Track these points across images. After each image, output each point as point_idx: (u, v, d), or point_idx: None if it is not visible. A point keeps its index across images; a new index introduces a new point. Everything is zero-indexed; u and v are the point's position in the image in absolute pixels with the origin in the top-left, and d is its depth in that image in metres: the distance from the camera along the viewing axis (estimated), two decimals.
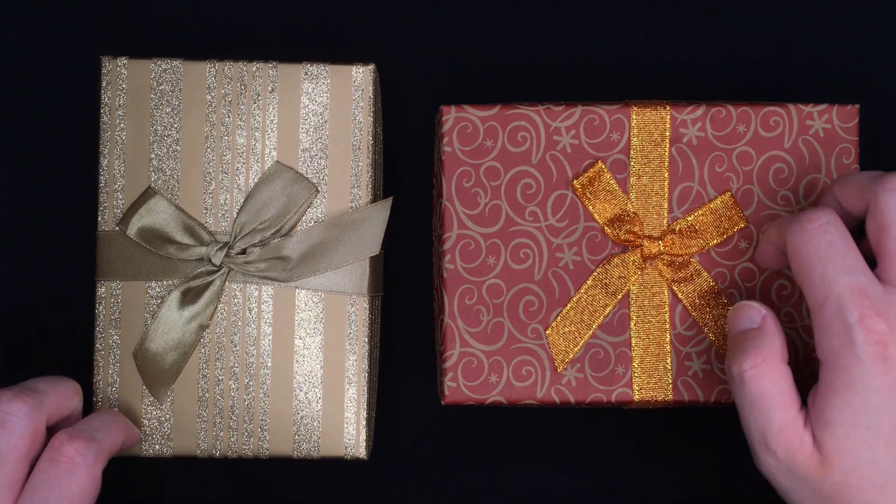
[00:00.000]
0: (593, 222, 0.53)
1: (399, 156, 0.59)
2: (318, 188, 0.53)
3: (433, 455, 0.58)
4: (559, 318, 0.52)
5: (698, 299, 0.53)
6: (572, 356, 0.52)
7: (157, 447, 0.53)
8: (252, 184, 0.53)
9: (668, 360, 0.53)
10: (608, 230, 0.52)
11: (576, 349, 0.52)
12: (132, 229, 0.52)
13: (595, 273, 0.53)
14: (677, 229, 0.53)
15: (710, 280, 0.53)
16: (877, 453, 0.45)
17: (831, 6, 0.59)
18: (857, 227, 0.49)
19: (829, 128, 0.53)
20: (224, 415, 0.53)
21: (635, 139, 0.53)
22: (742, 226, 0.53)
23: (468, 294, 0.53)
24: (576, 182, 0.53)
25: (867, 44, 0.59)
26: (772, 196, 0.53)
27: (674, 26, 0.59)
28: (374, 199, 0.54)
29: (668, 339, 0.53)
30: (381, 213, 0.53)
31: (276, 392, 0.53)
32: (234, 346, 0.53)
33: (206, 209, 0.53)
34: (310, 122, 0.53)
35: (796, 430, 0.46)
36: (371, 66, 0.53)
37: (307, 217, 0.53)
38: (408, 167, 0.59)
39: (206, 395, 0.53)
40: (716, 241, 0.53)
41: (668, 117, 0.53)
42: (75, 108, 0.58)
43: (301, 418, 0.53)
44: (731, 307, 0.52)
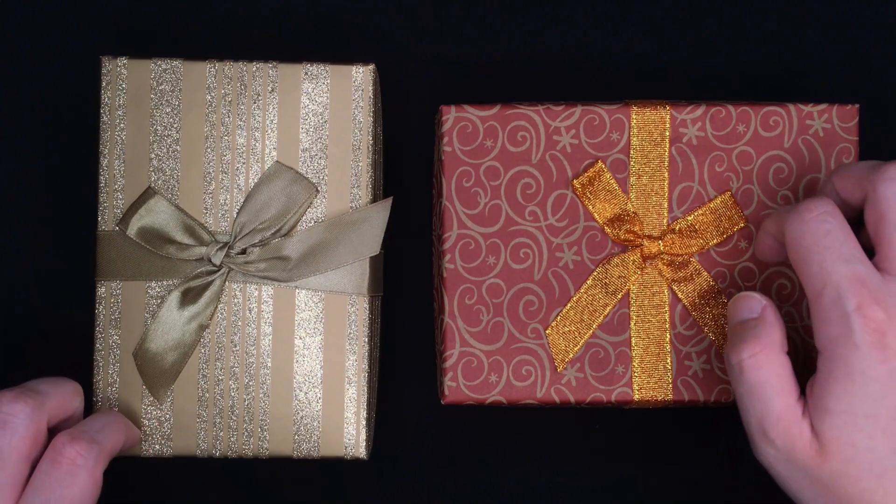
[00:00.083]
0: (593, 222, 0.53)
1: (399, 156, 0.59)
2: (318, 188, 0.53)
3: (433, 455, 0.58)
4: (559, 317, 0.52)
5: (698, 299, 0.53)
6: (572, 356, 0.52)
7: (157, 447, 0.53)
8: (252, 184, 0.53)
9: (668, 360, 0.53)
10: (608, 230, 0.52)
11: (576, 349, 0.52)
12: (132, 229, 0.52)
13: (595, 273, 0.52)
14: (677, 229, 0.53)
15: (710, 280, 0.53)
16: (875, 442, 0.45)
17: (831, 6, 0.59)
18: (857, 218, 0.49)
19: (829, 127, 0.53)
20: (224, 415, 0.53)
21: (635, 139, 0.53)
22: (742, 225, 0.53)
23: (468, 294, 0.53)
24: (576, 182, 0.53)
25: (867, 44, 0.59)
26: (772, 196, 0.53)
27: (674, 26, 0.59)
28: (374, 199, 0.54)
29: (668, 339, 0.53)
30: (381, 213, 0.53)
31: (276, 392, 0.53)
32: (234, 346, 0.53)
33: (206, 209, 0.53)
34: (310, 122, 0.53)
35: (795, 419, 0.46)
36: (371, 66, 0.53)
37: (307, 217, 0.53)
38: (408, 167, 0.59)
39: (206, 395, 0.53)
40: (716, 241, 0.53)
41: (668, 117, 0.53)
42: (75, 108, 0.58)
43: (301, 418, 0.53)
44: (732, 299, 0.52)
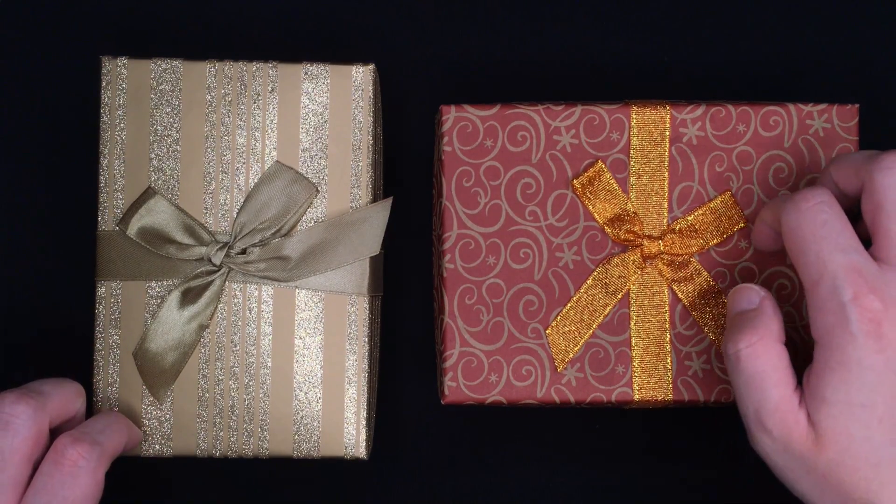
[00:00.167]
0: (593, 222, 0.53)
1: (399, 156, 0.59)
2: (318, 188, 0.53)
3: (433, 455, 0.58)
4: (559, 317, 0.52)
5: (698, 299, 0.53)
6: (572, 356, 0.52)
7: (157, 447, 0.53)
8: (252, 184, 0.53)
9: (668, 360, 0.53)
10: (608, 230, 0.52)
11: (576, 349, 0.52)
12: (132, 229, 0.52)
13: (595, 273, 0.52)
14: (677, 229, 0.53)
15: (710, 280, 0.53)
16: (871, 431, 0.45)
17: (831, 6, 0.59)
18: (856, 207, 0.49)
19: (829, 127, 0.53)
20: (224, 415, 0.53)
21: (635, 139, 0.53)
22: (742, 225, 0.53)
23: (468, 294, 0.53)
24: (576, 182, 0.53)
25: (867, 44, 0.59)
26: (772, 195, 0.53)
27: (674, 26, 0.59)
28: (374, 199, 0.54)
29: (668, 339, 0.53)
30: (381, 213, 0.53)
31: (276, 392, 0.53)
32: (234, 346, 0.53)
33: (206, 209, 0.53)
34: (310, 122, 0.53)
35: (791, 409, 0.46)
36: (371, 66, 0.53)
37: (307, 217, 0.53)
38: (408, 167, 0.59)
39: (206, 395, 0.53)
40: (716, 241, 0.53)
41: (668, 117, 0.53)
42: (75, 108, 0.58)
43: (301, 418, 0.53)
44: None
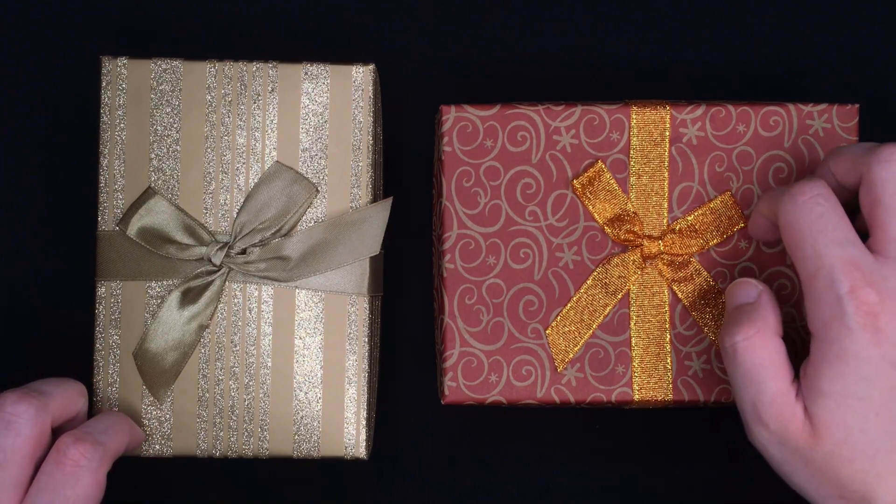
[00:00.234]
0: (593, 222, 0.53)
1: (399, 156, 0.59)
2: (318, 188, 0.53)
3: (433, 455, 0.58)
4: (559, 317, 0.52)
5: (698, 299, 0.53)
6: (572, 356, 0.52)
7: (157, 447, 0.53)
8: (252, 184, 0.53)
9: (668, 360, 0.53)
10: (608, 230, 0.52)
11: (576, 349, 0.52)
12: (132, 229, 0.52)
13: (595, 273, 0.52)
14: (677, 229, 0.53)
15: (710, 280, 0.53)
16: (867, 423, 0.45)
17: (831, 6, 0.59)
18: (855, 200, 0.49)
19: (829, 127, 0.53)
20: (224, 415, 0.53)
21: (635, 139, 0.53)
22: (742, 225, 0.53)
23: (468, 294, 0.53)
24: (576, 182, 0.53)
25: (867, 44, 0.59)
26: None
27: (674, 26, 0.59)
28: (374, 199, 0.54)
29: (668, 339, 0.53)
30: (381, 213, 0.53)
31: (276, 392, 0.53)
32: (234, 346, 0.53)
33: (206, 209, 0.53)
34: (310, 122, 0.53)
35: (788, 402, 0.46)
36: (371, 66, 0.53)
37: (307, 217, 0.53)
38: (408, 167, 0.59)
39: (206, 395, 0.53)
40: (716, 241, 0.53)
41: (668, 117, 0.53)
42: (75, 108, 0.58)
43: (301, 418, 0.53)
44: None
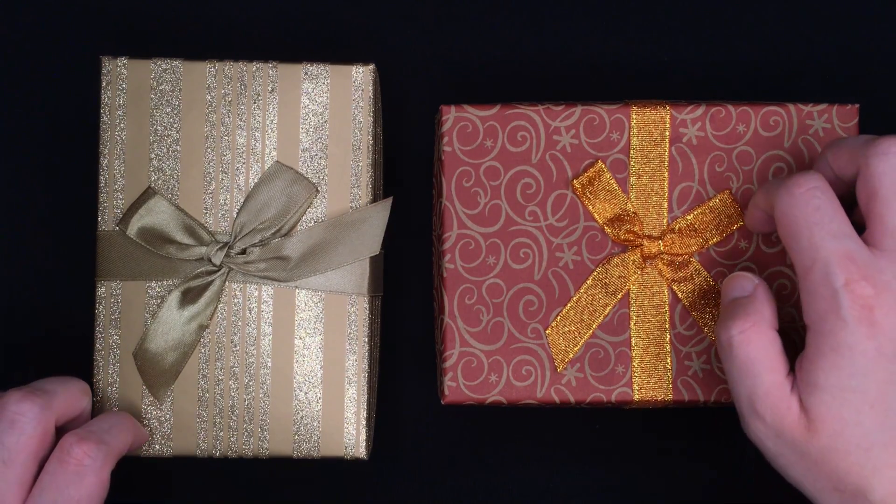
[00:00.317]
0: (593, 222, 0.53)
1: (399, 156, 0.59)
2: (318, 188, 0.53)
3: (433, 455, 0.58)
4: (559, 317, 0.52)
5: (698, 299, 0.53)
6: (572, 356, 0.52)
7: (157, 447, 0.53)
8: (252, 184, 0.53)
9: (668, 360, 0.53)
10: (608, 230, 0.52)
11: (576, 349, 0.52)
12: (132, 229, 0.52)
13: (595, 273, 0.52)
14: (677, 228, 0.53)
15: (710, 279, 0.53)
16: (863, 416, 0.45)
17: (831, 6, 0.59)
18: (852, 193, 0.49)
19: (829, 127, 0.53)
20: (224, 415, 0.53)
21: (635, 139, 0.53)
22: (741, 224, 0.53)
23: (468, 294, 0.53)
24: (576, 182, 0.53)
25: (867, 44, 0.59)
26: None
27: (674, 26, 0.59)
28: (374, 199, 0.54)
29: (667, 339, 0.53)
30: (381, 213, 0.53)
31: (276, 392, 0.53)
32: (234, 346, 0.53)
33: (206, 209, 0.53)
34: (310, 122, 0.53)
35: (783, 395, 0.46)
36: (371, 66, 0.53)
37: (307, 217, 0.53)
38: (408, 167, 0.59)
39: (206, 395, 0.53)
40: (715, 240, 0.53)
41: (668, 117, 0.53)
42: (75, 108, 0.58)
43: (301, 418, 0.53)
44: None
